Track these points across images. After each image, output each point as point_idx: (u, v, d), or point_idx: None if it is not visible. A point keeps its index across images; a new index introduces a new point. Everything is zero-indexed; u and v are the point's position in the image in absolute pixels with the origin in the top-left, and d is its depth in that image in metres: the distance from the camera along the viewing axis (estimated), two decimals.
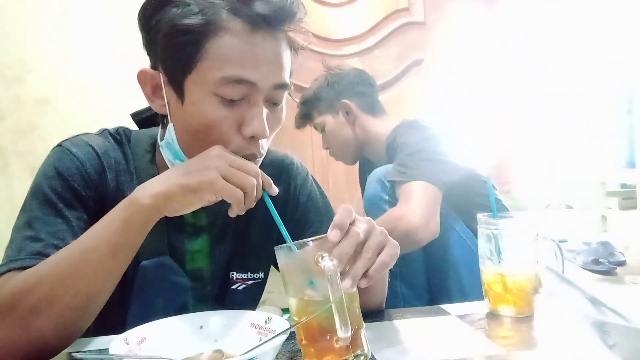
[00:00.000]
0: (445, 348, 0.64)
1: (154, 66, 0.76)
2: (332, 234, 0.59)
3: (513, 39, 2.97)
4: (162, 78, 0.74)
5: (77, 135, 0.82)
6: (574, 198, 3.88)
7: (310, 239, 0.59)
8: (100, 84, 2.12)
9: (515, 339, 0.68)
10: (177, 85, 0.72)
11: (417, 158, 1.32)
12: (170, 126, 0.75)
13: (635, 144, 3.11)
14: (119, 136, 0.85)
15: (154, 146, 0.85)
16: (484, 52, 2.85)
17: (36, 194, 0.75)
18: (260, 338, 0.60)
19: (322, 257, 0.56)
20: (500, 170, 2.85)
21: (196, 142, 0.73)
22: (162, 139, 0.78)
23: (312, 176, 0.98)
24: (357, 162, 1.74)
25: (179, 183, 0.64)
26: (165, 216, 0.81)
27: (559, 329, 0.70)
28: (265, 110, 0.72)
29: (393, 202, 1.32)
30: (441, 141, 1.35)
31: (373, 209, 1.38)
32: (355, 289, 0.60)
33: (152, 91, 0.76)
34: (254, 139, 0.72)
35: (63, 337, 0.65)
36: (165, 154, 0.78)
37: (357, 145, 1.62)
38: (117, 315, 0.80)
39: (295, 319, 0.58)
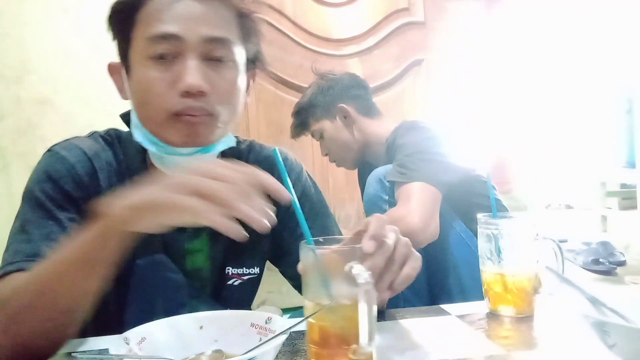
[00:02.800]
0: (445, 348, 0.64)
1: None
2: (369, 245, 0.58)
3: (513, 39, 2.97)
4: (123, 66, 0.79)
5: (67, 140, 0.83)
6: (574, 198, 3.88)
7: (336, 245, 0.58)
8: (100, 84, 2.12)
9: (515, 339, 0.68)
10: (126, 63, 0.77)
11: (417, 159, 1.31)
12: (132, 107, 0.78)
13: (635, 144, 3.11)
14: (110, 137, 0.86)
15: None
16: (484, 52, 2.85)
17: (28, 198, 0.76)
18: (260, 338, 0.60)
19: (356, 268, 0.52)
20: (500, 170, 2.85)
21: (143, 111, 0.76)
22: None
23: (307, 171, 0.98)
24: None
25: (147, 197, 0.56)
26: None
27: (559, 329, 0.70)
28: (200, 65, 0.73)
29: (393, 202, 1.32)
30: (441, 142, 1.35)
31: (373, 209, 1.38)
32: None
33: (121, 82, 0.81)
34: (189, 94, 0.72)
35: (47, 345, 0.64)
36: (137, 137, 0.79)
37: (357, 148, 1.62)
38: (114, 314, 0.80)
39: (312, 321, 0.56)
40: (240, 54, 0.79)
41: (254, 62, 0.86)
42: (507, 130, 2.93)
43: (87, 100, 2.10)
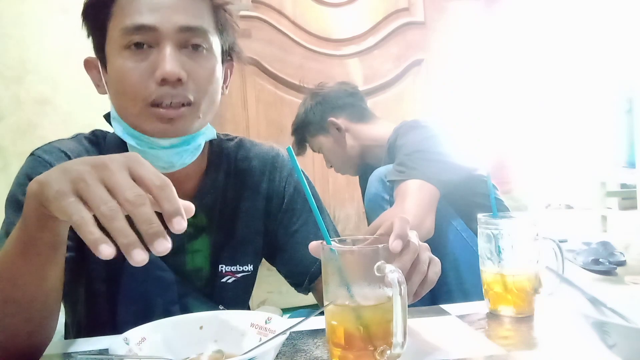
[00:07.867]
0: (445, 348, 0.64)
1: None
2: (395, 244, 0.57)
3: (513, 39, 2.97)
4: (99, 60, 0.80)
5: (49, 143, 0.83)
6: (574, 198, 3.88)
7: (358, 245, 0.57)
8: None
9: (515, 339, 0.68)
10: (102, 57, 0.78)
11: (417, 158, 1.31)
12: (109, 99, 0.79)
13: (635, 144, 3.11)
14: (95, 137, 0.86)
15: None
16: (484, 52, 2.85)
17: (11, 202, 0.75)
18: (260, 338, 0.60)
19: (387, 267, 0.51)
20: (500, 170, 2.85)
21: (120, 102, 0.76)
22: None
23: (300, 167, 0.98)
24: None
25: (47, 178, 0.49)
26: None
27: (559, 329, 0.70)
28: (176, 53, 0.73)
29: (394, 201, 1.32)
30: (442, 141, 1.35)
31: (374, 208, 1.38)
32: None
33: (98, 77, 0.81)
34: (167, 81, 0.72)
35: (24, 345, 0.63)
36: (117, 130, 0.79)
37: (356, 155, 1.63)
38: (106, 314, 0.81)
39: (334, 322, 0.55)
40: (216, 43, 0.79)
41: (230, 54, 0.86)
42: (507, 130, 2.93)
43: (87, 100, 2.09)
